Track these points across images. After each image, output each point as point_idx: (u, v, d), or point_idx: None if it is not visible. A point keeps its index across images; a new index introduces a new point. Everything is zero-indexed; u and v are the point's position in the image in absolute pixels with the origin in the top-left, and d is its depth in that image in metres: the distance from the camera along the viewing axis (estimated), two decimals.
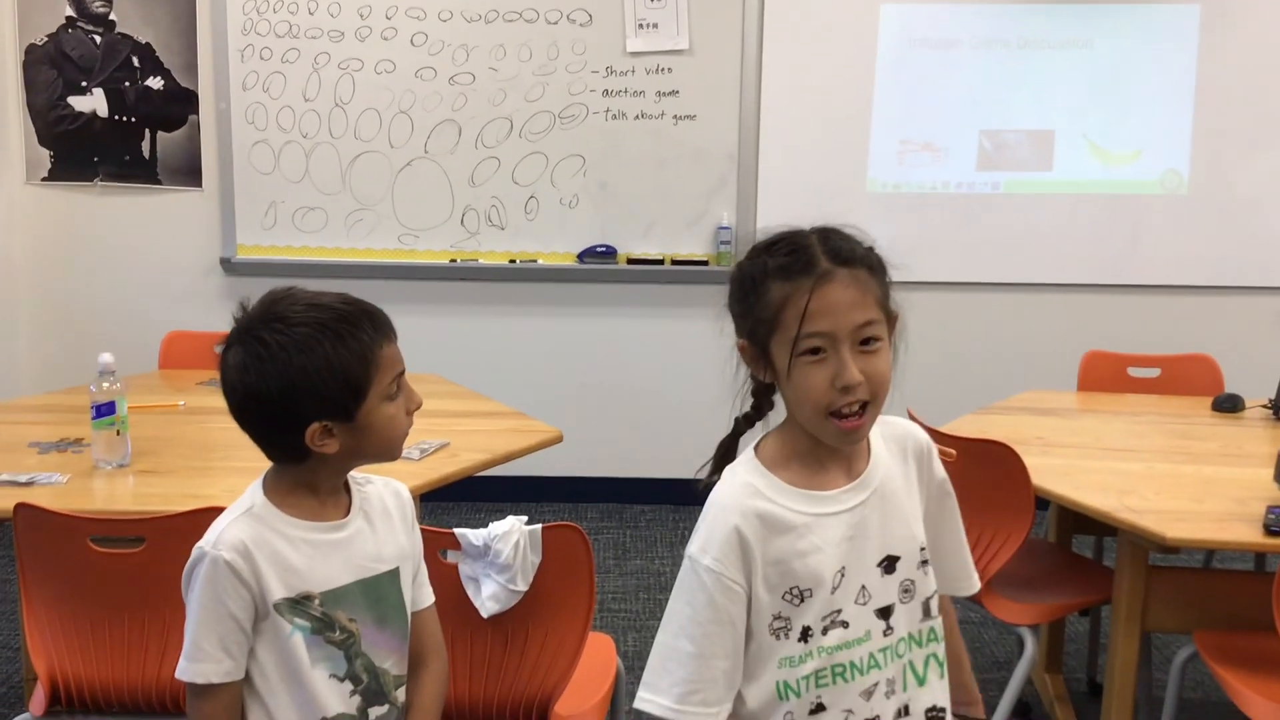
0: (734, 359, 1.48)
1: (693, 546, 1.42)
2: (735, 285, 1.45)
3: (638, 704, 1.40)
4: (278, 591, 1.46)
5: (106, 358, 2.47)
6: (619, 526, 4.54)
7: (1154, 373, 3.54)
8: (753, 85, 4.46)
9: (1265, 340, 4.30)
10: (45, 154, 4.53)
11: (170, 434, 2.72)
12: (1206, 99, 4.44)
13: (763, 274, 1.40)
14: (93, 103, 4.50)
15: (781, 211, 4.54)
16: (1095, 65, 4.44)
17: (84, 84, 4.49)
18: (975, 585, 1.61)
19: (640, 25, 4.42)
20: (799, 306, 1.35)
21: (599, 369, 4.67)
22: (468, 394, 3.15)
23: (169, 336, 3.64)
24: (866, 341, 1.37)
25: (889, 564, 1.45)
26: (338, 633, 1.48)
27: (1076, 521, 3.01)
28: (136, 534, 1.98)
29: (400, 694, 1.56)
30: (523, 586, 1.92)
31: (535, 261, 4.56)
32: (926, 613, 1.49)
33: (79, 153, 4.53)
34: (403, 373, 1.51)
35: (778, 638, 1.42)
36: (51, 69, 4.48)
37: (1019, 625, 2.61)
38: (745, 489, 1.43)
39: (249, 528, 1.47)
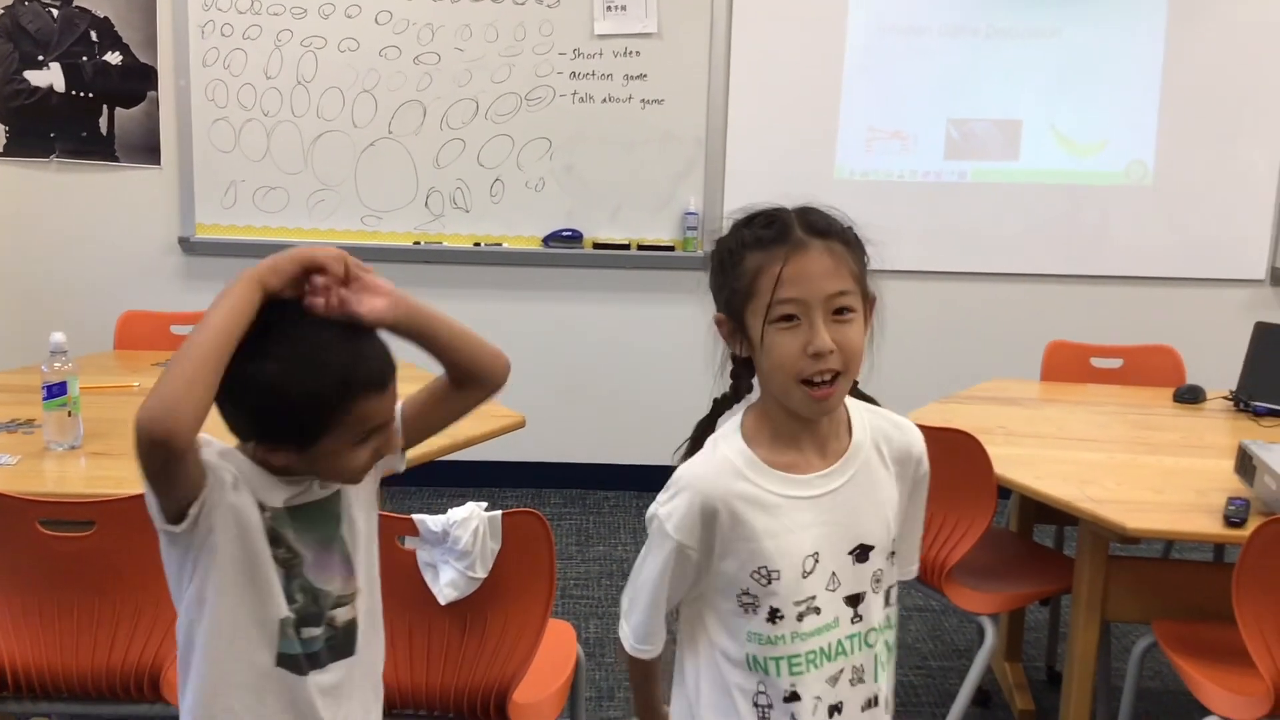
0: (713, 336, 1.49)
1: (661, 507, 1.46)
2: (714, 260, 1.47)
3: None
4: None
5: (58, 337, 2.42)
6: (582, 512, 4.52)
7: (1116, 363, 3.56)
8: (721, 70, 4.44)
9: (1227, 332, 4.32)
10: (0, 128, 4.44)
11: (124, 415, 2.63)
12: (1173, 91, 4.46)
13: (740, 245, 1.42)
14: (49, 77, 4.41)
15: (749, 197, 4.48)
16: (1063, 55, 4.45)
17: (40, 58, 4.40)
18: (915, 571, 1.63)
19: (608, 8, 4.38)
20: (773, 273, 1.37)
21: (563, 354, 4.64)
22: (429, 378, 3.11)
23: (125, 316, 3.58)
24: (840, 311, 1.39)
25: (861, 552, 1.47)
26: (283, 549, 1.45)
27: (1038, 511, 3.02)
28: (87, 517, 1.94)
29: (340, 613, 1.51)
30: (482, 573, 1.90)
31: (500, 245, 4.52)
32: (888, 600, 1.52)
33: (35, 128, 4.44)
34: (384, 425, 1.43)
35: (746, 612, 1.45)
36: (7, 42, 4.39)
37: (979, 614, 2.62)
38: (724, 465, 1.45)
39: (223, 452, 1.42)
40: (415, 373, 3.34)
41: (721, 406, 1.53)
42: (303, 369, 1.35)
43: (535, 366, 4.62)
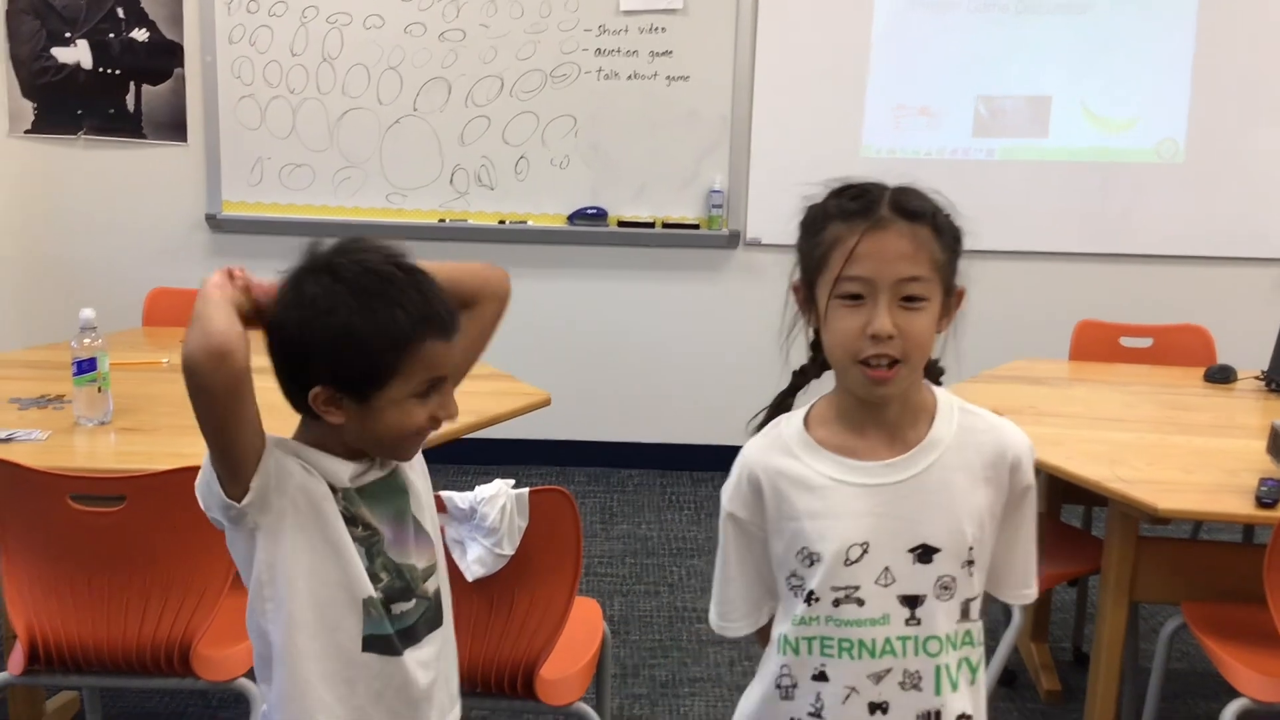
0: (788, 306, 1.46)
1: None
2: (800, 225, 1.43)
3: None
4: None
5: (88, 313, 2.43)
6: (606, 490, 4.52)
7: (1146, 343, 3.53)
8: (747, 47, 4.41)
9: (1258, 311, 4.28)
10: (28, 106, 4.46)
11: (153, 391, 2.68)
12: (1204, 67, 4.40)
13: (824, 214, 1.39)
14: (76, 54, 4.43)
15: (774, 175, 4.53)
16: (1093, 30, 4.39)
17: (68, 35, 4.41)
18: (1032, 595, 1.54)
19: None
20: (846, 247, 1.34)
21: (588, 332, 4.64)
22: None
23: (153, 293, 3.60)
24: (911, 299, 1.35)
25: (924, 553, 1.40)
26: (360, 529, 1.44)
27: (1066, 491, 3.00)
28: (117, 492, 1.95)
29: (431, 584, 1.51)
30: (509, 550, 1.90)
31: (525, 223, 4.52)
32: (965, 614, 1.43)
33: (62, 105, 4.46)
34: (444, 379, 1.42)
35: (795, 594, 1.44)
36: (35, 19, 4.40)
37: None
38: (773, 442, 1.45)
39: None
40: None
41: (800, 379, 1.50)
42: (379, 305, 1.35)
43: (560, 344, 4.62)
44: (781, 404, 1.51)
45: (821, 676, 1.43)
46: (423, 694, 1.50)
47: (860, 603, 1.40)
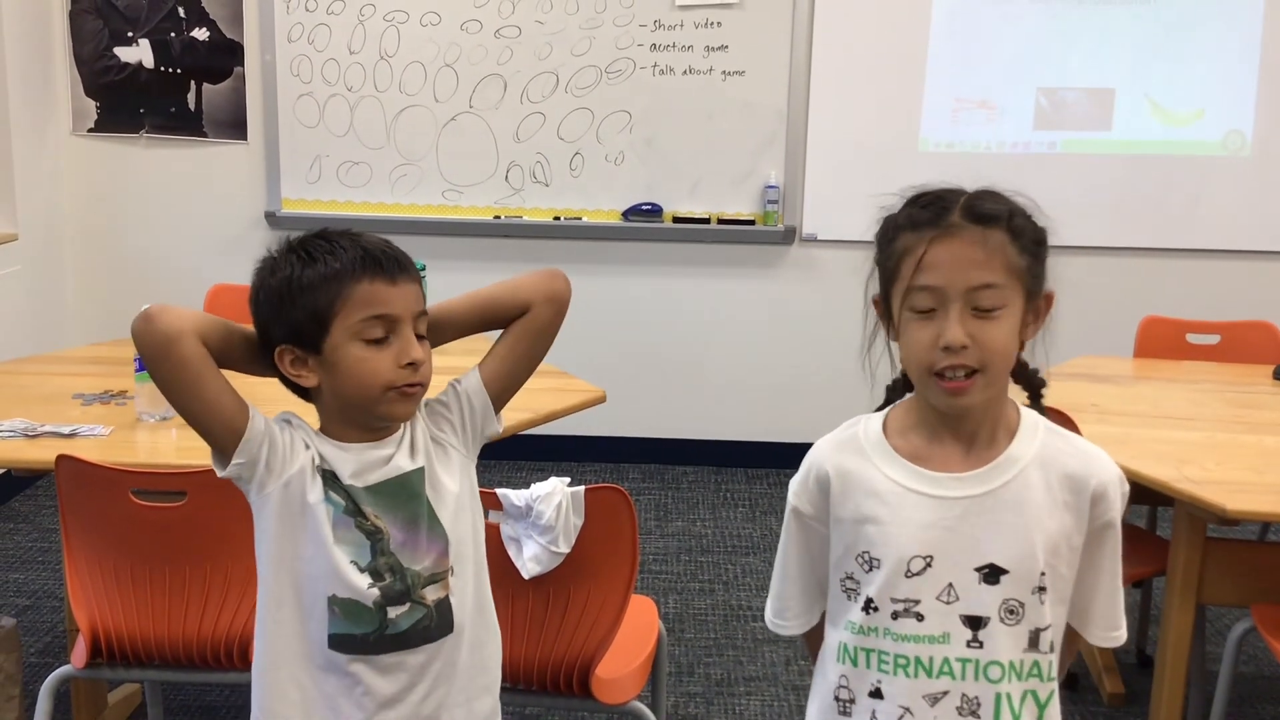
0: (868, 319, 1.43)
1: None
2: (875, 236, 1.40)
3: None
4: (319, 461, 1.47)
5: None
6: (660, 488, 4.51)
7: (1213, 339, 3.46)
8: (804, 40, 4.37)
9: None
10: (91, 105, 4.53)
11: None
12: (1273, 57, 4.30)
13: (895, 224, 1.36)
14: (138, 54, 4.49)
15: (831, 171, 4.49)
16: (1157, 20, 4.31)
17: (130, 34, 4.47)
18: (1119, 639, 1.45)
19: None
20: (915, 257, 1.31)
21: (643, 329, 4.63)
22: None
23: (213, 290, 3.63)
24: (985, 308, 1.30)
25: (990, 573, 1.34)
26: (367, 521, 1.45)
27: (1131, 491, 2.94)
28: (178, 488, 1.97)
29: (430, 592, 1.49)
30: (565, 548, 1.89)
31: (580, 219, 4.51)
32: (1034, 644, 1.36)
33: (125, 104, 4.52)
34: (391, 318, 1.42)
35: (848, 597, 1.41)
36: (97, 19, 4.46)
37: None
38: (847, 441, 1.43)
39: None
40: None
41: (892, 395, 1.46)
42: (317, 254, 1.44)
43: (614, 341, 4.61)
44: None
45: (877, 694, 1.38)
46: (404, 701, 1.49)
47: (920, 618, 1.35)
